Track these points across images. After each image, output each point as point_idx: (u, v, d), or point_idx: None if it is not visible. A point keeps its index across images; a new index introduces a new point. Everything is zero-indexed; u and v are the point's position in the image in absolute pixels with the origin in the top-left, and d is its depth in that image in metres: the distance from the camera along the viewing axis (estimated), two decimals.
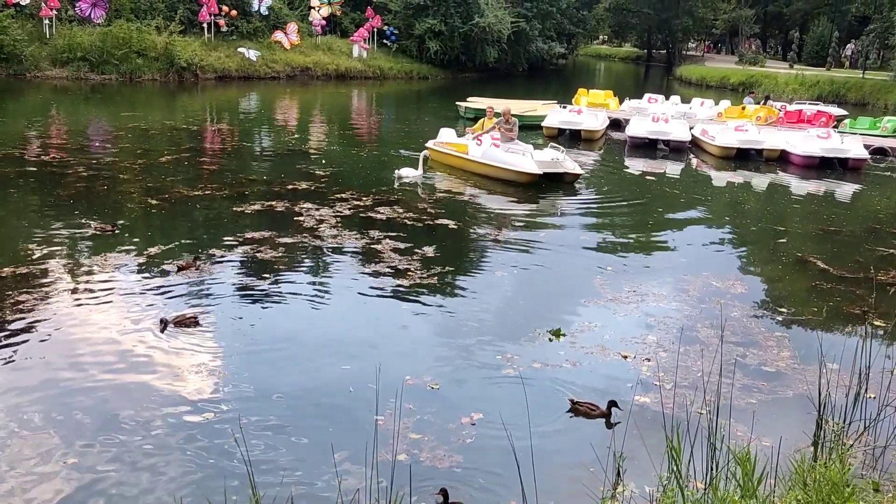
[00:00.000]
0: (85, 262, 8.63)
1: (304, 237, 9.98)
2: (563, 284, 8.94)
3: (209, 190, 12.50)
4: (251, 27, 35.29)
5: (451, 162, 15.31)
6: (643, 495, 4.59)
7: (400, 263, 9.06)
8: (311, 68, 36.37)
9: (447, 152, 15.37)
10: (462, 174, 14.89)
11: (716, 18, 66.72)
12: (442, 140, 15.82)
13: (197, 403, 5.65)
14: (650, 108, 25.09)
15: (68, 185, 12.36)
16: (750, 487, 3.77)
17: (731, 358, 6.80)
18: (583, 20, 59.12)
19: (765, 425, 5.54)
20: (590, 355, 6.80)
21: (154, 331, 6.80)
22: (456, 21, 41.25)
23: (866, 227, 12.79)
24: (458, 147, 15.17)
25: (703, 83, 47.76)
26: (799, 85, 38.43)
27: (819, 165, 18.20)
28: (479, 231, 11.12)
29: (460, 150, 15.03)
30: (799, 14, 59.95)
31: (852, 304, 8.51)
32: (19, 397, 5.62)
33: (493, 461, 5.04)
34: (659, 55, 73.90)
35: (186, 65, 30.96)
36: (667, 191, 15.62)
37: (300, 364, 6.47)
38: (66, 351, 6.39)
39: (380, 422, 5.25)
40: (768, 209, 14.46)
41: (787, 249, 10.95)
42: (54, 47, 29.01)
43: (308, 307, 7.83)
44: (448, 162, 15.38)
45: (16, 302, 7.29)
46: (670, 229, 11.96)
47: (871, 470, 4.96)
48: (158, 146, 16.62)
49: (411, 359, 6.61)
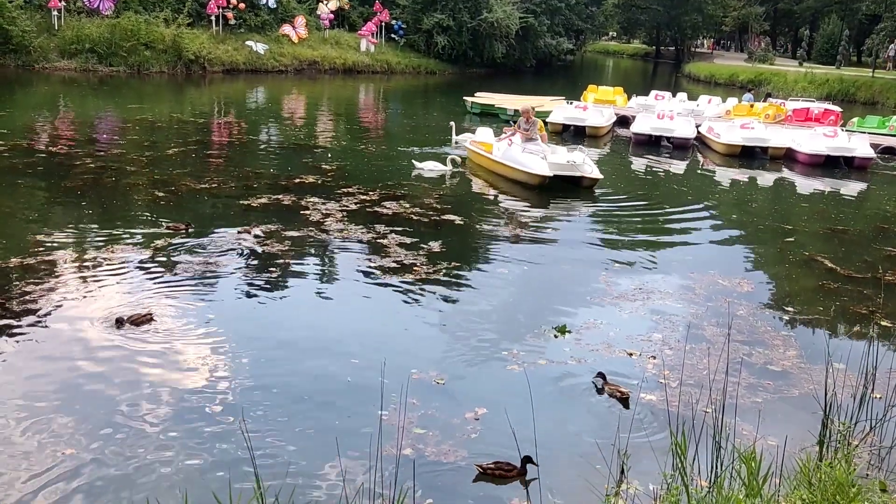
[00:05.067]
0: (91, 254, 8.66)
1: (311, 231, 9.99)
2: (568, 281, 8.93)
3: (216, 183, 12.52)
4: (259, 20, 35.31)
5: (479, 161, 15.26)
6: (647, 493, 4.59)
7: (406, 258, 9.06)
8: (318, 62, 36.38)
9: (477, 151, 15.31)
10: (484, 173, 14.82)
11: (725, 15, 66.43)
12: (477, 139, 15.79)
13: (202, 396, 5.66)
14: (657, 105, 25.02)
15: (76, 177, 12.40)
16: (755, 486, 3.76)
17: (737, 357, 6.77)
18: (591, 16, 58.98)
19: (770, 424, 5.53)
20: (595, 352, 6.79)
21: (160, 323, 6.81)
22: (464, 16, 41.18)
23: (874, 226, 12.73)
24: (486, 146, 15.09)
25: (712, 80, 47.59)
26: (808, 83, 38.23)
27: (825, 164, 18.12)
28: (485, 227, 11.11)
29: (487, 150, 14.95)
30: (809, 12, 59.64)
31: (859, 303, 8.48)
32: (24, 387, 5.64)
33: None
34: (667, 52, 73.68)
35: (194, 57, 31.01)
36: (673, 188, 15.58)
37: (306, 358, 6.48)
38: (71, 342, 6.41)
39: (385, 416, 5.25)
40: (775, 208, 14.41)
41: (795, 248, 10.91)
42: (63, 39, 29.07)
43: (314, 301, 7.84)
44: (478, 161, 15.35)
45: (22, 292, 7.32)
46: (676, 227, 11.92)
47: (877, 470, 4.94)
48: (166, 139, 16.66)
49: (417, 354, 6.62)
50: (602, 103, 25.13)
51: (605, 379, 6.16)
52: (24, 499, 4.42)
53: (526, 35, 45.51)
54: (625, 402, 5.94)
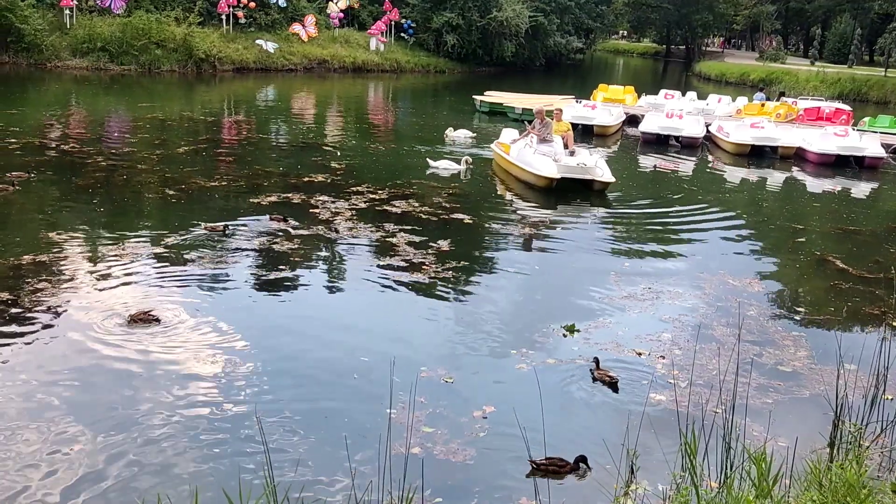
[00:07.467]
0: (103, 251, 8.71)
1: (320, 229, 10.01)
2: (577, 280, 8.91)
3: (226, 181, 12.56)
4: (269, 19, 35.40)
5: (500, 162, 15.21)
6: (656, 493, 4.57)
7: (415, 257, 9.07)
8: (328, 61, 36.43)
9: (498, 152, 15.26)
10: (502, 174, 14.74)
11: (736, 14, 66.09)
12: (500, 140, 15.75)
13: (213, 392, 5.69)
14: (667, 104, 24.93)
15: (87, 175, 12.47)
16: (765, 487, 3.75)
17: (748, 357, 6.74)
18: (601, 15, 58.74)
19: (781, 425, 5.51)
20: (604, 352, 6.77)
21: (170, 320, 6.85)
22: (473, 15, 41.14)
23: (886, 226, 12.65)
24: (504, 147, 15.05)
25: (723, 80, 47.36)
26: (820, 82, 38.00)
27: (835, 163, 18.00)
28: (494, 227, 11.10)
29: (506, 151, 14.89)
30: (821, 10, 59.25)
31: (871, 304, 8.43)
32: (36, 382, 5.69)
33: (505, 456, 5.04)
34: (678, 51, 73.36)
35: (205, 56, 31.12)
36: (683, 187, 15.52)
37: (315, 355, 6.50)
38: (82, 339, 6.44)
39: (393, 414, 5.26)
40: (786, 207, 14.34)
41: (806, 248, 10.85)
42: (74, 37, 29.24)
43: (323, 299, 7.86)
44: (498, 162, 15.29)
45: (35, 289, 7.37)
46: (685, 226, 11.87)
47: (888, 472, 4.91)
48: (176, 137, 16.73)
49: (425, 352, 6.63)
50: (612, 102, 25.06)
51: (597, 364, 6.34)
52: (32, 494, 4.45)
53: (535, 34, 45.39)
54: (613, 387, 6.14)
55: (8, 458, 4.76)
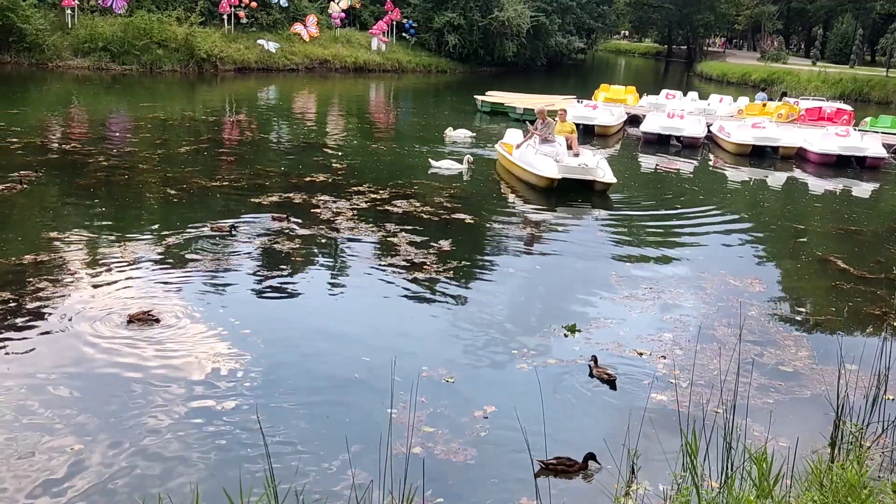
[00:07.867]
0: (104, 251, 8.72)
1: (322, 229, 10.02)
2: (578, 280, 8.90)
3: (227, 181, 12.57)
4: (271, 19, 35.44)
5: (503, 162, 15.19)
6: (657, 493, 4.57)
7: (416, 257, 9.07)
8: (329, 61, 36.46)
9: (502, 152, 15.24)
10: (504, 174, 14.72)
11: (738, 14, 66.08)
12: (504, 140, 15.73)
13: (214, 392, 5.69)
14: (668, 104, 24.93)
15: (88, 175, 12.48)
16: (766, 487, 3.74)
17: (749, 357, 6.73)
18: (603, 15, 58.77)
19: (782, 425, 5.50)
20: (605, 351, 6.77)
21: (171, 320, 6.85)
22: (475, 15, 41.15)
23: (887, 226, 12.64)
24: (508, 147, 15.02)
25: (724, 80, 47.35)
26: (821, 82, 37.98)
27: (836, 164, 17.99)
28: (495, 227, 11.10)
29: (509, 151, 14.86)
30: (823, 11, 59.24)
31: (872, 304, 8.42)
32: (37, 382, 5.69)
33: (506, 456, 5.04)
34: (679, 51, 73.35)
35: (206, 56, 31.15)
36: (684, 187, 15.52)
37: (316, 355, 6.50)
38: (83, 338, 6.45)
39: (394, 414, 5.26)
40: (787, 207, 14.33)
41: (807, 248, 10.84)
42: (76, 37, 29.27)
43: (325, 299, 7.86)
44: (502, 162, 15.28)
45: (36, 289, 7.38)
46: (687, 226, 11.86)
47: (889, 472, 4.91)
48: (178, 137, 16.74)
49: (426, 352, 6.63)
50: (613, 102, 25.06)
51: (595, 362, 6.36)
52: (33, 493, 4.45)
53: (537, 34, 45.41)
54: (612, 385, 6.17)
55: (8, 458, 4.76)
